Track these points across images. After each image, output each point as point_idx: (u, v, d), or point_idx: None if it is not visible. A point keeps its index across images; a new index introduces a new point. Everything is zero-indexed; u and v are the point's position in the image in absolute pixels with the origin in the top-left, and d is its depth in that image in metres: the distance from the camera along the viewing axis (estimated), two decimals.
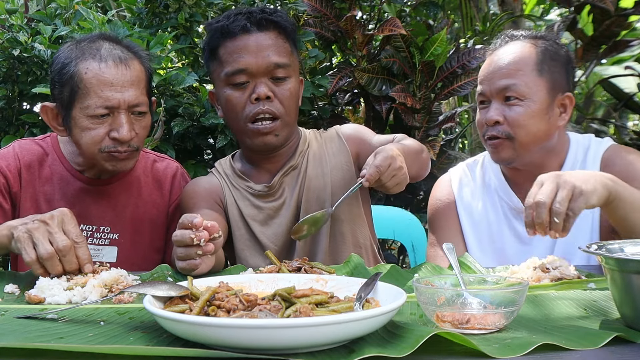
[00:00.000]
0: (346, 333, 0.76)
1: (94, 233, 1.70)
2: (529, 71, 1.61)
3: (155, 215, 1.79)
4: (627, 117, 6.01)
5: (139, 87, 1.59)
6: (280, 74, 1.60)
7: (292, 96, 1.63)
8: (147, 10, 2.66)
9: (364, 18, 2.97)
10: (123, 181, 1.76)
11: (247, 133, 1.61)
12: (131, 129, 1.57)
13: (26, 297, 1.11)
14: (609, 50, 3.14)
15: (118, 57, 1.57)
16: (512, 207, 1.71)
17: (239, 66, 1.57)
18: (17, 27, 2.40)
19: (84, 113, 1.54)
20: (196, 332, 0.76)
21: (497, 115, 1.61)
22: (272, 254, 1.37)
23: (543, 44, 1.65)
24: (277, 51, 1.60)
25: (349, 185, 1.67)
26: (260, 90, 1.57)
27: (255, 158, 1.72)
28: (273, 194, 1.69)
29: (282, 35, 1.63)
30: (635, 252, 0.98)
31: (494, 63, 1.66)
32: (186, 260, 1.23)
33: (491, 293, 0.93)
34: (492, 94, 1.64)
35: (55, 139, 1.76)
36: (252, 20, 1.59)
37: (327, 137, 1.78)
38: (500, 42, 1.72)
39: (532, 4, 6.16)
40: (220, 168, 1.77)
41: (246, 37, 1.59)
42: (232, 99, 1.60)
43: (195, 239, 1.19)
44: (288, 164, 1.69)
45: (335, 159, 1.72)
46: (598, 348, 0.79)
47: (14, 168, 1.69)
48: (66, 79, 1.56)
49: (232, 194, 1.70)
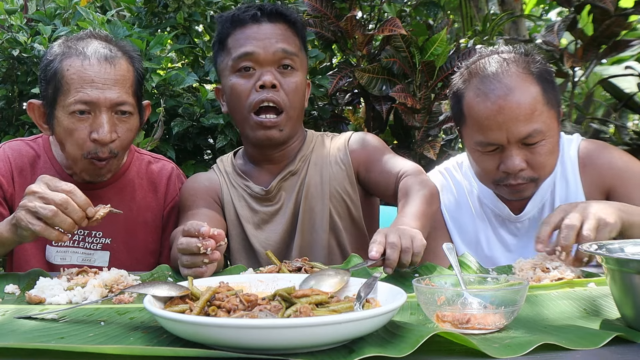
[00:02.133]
0: (346, 333, 0.76)
1: (86, 237, 1.68)
2: (541, 108, 1.47)
3: (149, 218, 1.76)
4: (627, 117, 6.00)
5: (124, 86, 1.54)
6: (287, 63, 1.58)
7: (298, 90, 1.61)
8: (146, 10, 2.66)
9: (364, 18, 2.97)
10: (116, 184, 1.72)
11: (250, 124, 1.58)
12: (112, 130, 1.51)
13: (26, 297, 1.11)
14: (609, 50, 3.14)
15: (103, 55, 1.53)
16: (498, 214, 1.66)
17: (246, 49, 1.56)
18: (16, 28, 2.40)
19: (65, 111, 1.50)
20: (196, 332, 0.76)
21: (521, 162, 1.47)
22: (272, 254, 1.37)
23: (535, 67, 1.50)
24: (286, 40, 1.59)
25: (346, 197, 1.65)
26: (266, 78, 1.55)
27: (257, 156, 1.69)
28: (270, 199, 1.66)
29: (292, 29, 1.63)
30: (635, 252, 0.98)
31: (500, 108, 1.45)
32: (192, 268, 1.21)
33: (491, 293, 0.93)
34: (511, 141, 1.46)
35: (47, 140, 1.72)
36: (263, 11, 1.60)
37: (336, 143, 1.72)
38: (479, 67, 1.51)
39: (532, 4, 6.16)
40: (222, 165, 1.75)
41: (256, 26, 1.59)
42: (237, 86, 1.58)
43: (202, 248, 1.18)
44: (287, 169, 1.66)
45: (335, 168, 1.67)
46: (598, 348, 0.79)
47: (6, 172, 1.65)
48: (50, 76, 1.53)
49: (230, 193, 1.68)
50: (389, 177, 1.58)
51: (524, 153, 1.47)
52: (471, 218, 1.70)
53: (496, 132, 1.46)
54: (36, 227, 1.23)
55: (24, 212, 1.24)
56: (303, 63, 1.66)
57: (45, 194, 1.24)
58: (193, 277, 1.21)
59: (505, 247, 1.67)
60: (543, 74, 1.50)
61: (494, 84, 1.47)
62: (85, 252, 1.67)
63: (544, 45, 3.11)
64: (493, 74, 1.48)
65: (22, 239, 1.31)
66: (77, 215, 1.24)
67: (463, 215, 1.70)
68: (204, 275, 1.22)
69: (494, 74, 1.48)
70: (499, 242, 1.67)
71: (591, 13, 3.08)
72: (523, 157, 1.47)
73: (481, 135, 1.49)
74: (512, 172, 1.48)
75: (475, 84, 1.50)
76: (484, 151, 1.51)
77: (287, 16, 1.62)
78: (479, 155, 1.54)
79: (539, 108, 1.46)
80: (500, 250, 1.66)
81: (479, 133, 1.49)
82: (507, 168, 1.47)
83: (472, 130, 1.52)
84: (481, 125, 1.48)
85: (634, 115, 5.76)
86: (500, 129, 1.45)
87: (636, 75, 3.67)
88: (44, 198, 1.23)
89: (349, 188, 1.66)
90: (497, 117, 1.45)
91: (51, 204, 1.22)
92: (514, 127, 1.44)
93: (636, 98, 3.64)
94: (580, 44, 3.13)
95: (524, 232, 1.64)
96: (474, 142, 1.52)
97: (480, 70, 1.51)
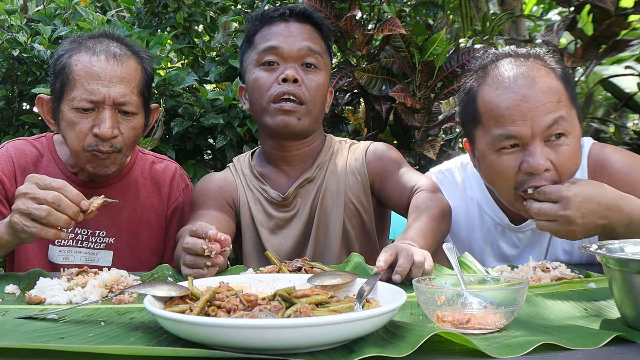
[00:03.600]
0: (346, 333, 0.76)
1: (89, 237, 1.67)
2: (565, 100, 1.36)
3: (153, 218, 1.75)
4: (627, 116, 6.01)
5: (129, 85, 1.54)
6: (311, 61, 1.59)
7: (320, 88, 1.61)
8: (146, 10, 2.66)
9: (363, 18, 2.97)
10: (120, 184, 1.71)
11: (269, 111, 1.57)
12: (114, 127, 1.51)
13: (26, 297, 1.11)
14: (609, 49, 3.14)
15: (112, 52, 1.54)
16: (498, 223, 1.59)
17: (271, 43, 1.58)
18: (16, 28, 2.40)
19: (70, 105, 1.51)
20: (196, 332, 0.76)
21: (546, 160, 1.32)
22: (272, 254, 1.37)
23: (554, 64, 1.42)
24: (311, 39, 1.61)
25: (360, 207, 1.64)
26: (289, 72, 1.55)
27: (274, 154, 1.68)
28: (287, 205, 1.65)
29: (318, 31, 1.65)
30: (636, 252, 0.98)
31: (524, 97, 1.33)
32: (193, 268, 1.22)
33: (491, 293, 0.93)
34: (536, 134, 1.33)
35: (51, 139, 1.72)
36: (292, 11, 1.62)
37: (354, 153, 1.71)
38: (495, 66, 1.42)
39: (532, 3, 6.17)
40: (239, 165, 1.73)
41: (283, 24, 1.61)
42: (259, 78, 1.59)
43: (207, 250, 1.18)
44: (304, 175, 1.65)
45: (351, 178, 1.66)
46: (598, 348, 0.79)
47: (9, 171, 1.64)
48: (59, 70, 1.54)
49: (246, 195, 1.67)
50: (403, 190, 1.58)
51: (548, 151, 1.34)
52: (467, 226, 1.63)
53: (519, 122, 1.33)
54: (32, 229, 1.22)
55: (17, 215, 1.23)
56: (327, 66, 1.66)
57: (36, 194, 1.22)
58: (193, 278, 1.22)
59: (502, 258, 1.60)
60: (563, 70, 1.43)
61: (515, 76, 1.37)
62: (89, 251, 1.67)
63: (543, 45, 3.11)
64: (512, 69, 1.39)
65: (22, 241, 1.31)
66: (71, 211, 1.23)
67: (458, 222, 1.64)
68: (204, 277, 1.21)
69: (513, 68, 1.39)
70: (495, 252, 1.61)
71: (591, 13, 3.08)
72: (547, 155, 1.33)
73: (501, 129, 1.35)
74: (537, 171, 1.32)
75: (493, 78, 1.40)
76: (504, 148, 1.36)
77: (315, 19, 1.65)
78: (497, 157, 1.38)
79: (563, 99, 1.36)
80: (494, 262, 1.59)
81: (499, 127, 1.36)
82: (531, 166, 1.32)
83: (490, 126, 1.38)
84: (502, 117, 1.35)
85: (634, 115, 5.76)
86: (525, 119, 1.33)
87: (636, 75, 3.67)
88: (35, 198, 1.22)
89: (363, 199, 1.66)
90: (521, 106, 1.33)
91: (44, 204, 1.21)
92: (540, 115, 1.32)
93: (636, 98, 3.64)
94: (580, 43, 3.13)
95: (525, 244, 1.59)
96: (492, 139, 1.37)
97: (497, 67, 1.42)
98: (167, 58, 2.60)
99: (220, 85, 2.68)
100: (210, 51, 2.81)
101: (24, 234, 1.24)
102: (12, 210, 1.25)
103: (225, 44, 2.85)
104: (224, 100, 2.42)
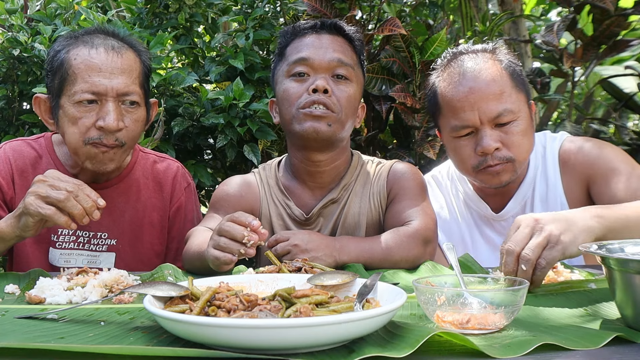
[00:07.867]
0: (346, 333, 0.76)
1: (91, 239, 1.66)
2: (510, 89, 1.55)
3: (155, 219, 1.73)
4: (627, 117, 6.00)
5: (131, 76, 1.53)
6: (342, 73, 1.57)
7: (350, 100, 1.57)
8: (147, 10, 2.66)
9: (363, 18, 2.97)
10: (121, 185, 1.70)
11: (298, 118, 1.53)
12: (119, 119, 1.49)
13: (26, 297, 1.11)
14: (609, 50, 3.13)
15: (110, 45, 1.53)
16: (482, 215, 1.71)
17: (302, 55, 1.57)
18: (17, 27, 2.40)
19: (71, 100, 1.49)
20: (196, 332, 0.76)
21: (495, 142, 1.53)
22: (272, 254, 1.37)
23: (502, 56, 1.60)
24: (343, 52, 1.59)
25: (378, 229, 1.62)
26: (319, 82, 1.52)
27: (301, 167, 1.63)
28: (309, 224, 1.63)
29: (350, 44, 1.63)
30: (635, 252, 0.98)
31: (470, 89, 1.54)
32: (225, 252, 1.22)
33: (491, 293, 0.93)
34: (484, 121, 1.54)
35: (49, 139, 1.70)
36: (324, 23, 1.62)
37: (379, 174, 1.67)
38: (451, 63, 1.62)
39: (532, 3, 6.16)
40: (264, 175, 1.70)
41: (315, 36, 1.60)
42: (289, 89, 1.57)
43: (247, 238, 1.20)
44: (329, 196, 1.63)
45: (373, 200, 1.64)
46: (598, 348, 0.79)
47: (7, 174, 1.62)
48: (57, 67, 1.52)
49: (269, 209, 1.65)
50: (396, 219, 1.56)
51: (497, 133, 1.54)
52: (456, 221, 1.74)
53: (469, 112, 1.54)
54: (46, 211, 1.24)
55: (33, 197, 1.25)
56: (359, 79, 1.63)
57: (55, 183, 1.26)
58: (220, 261, 1.22)
59: (493, 246, 1.68)
60: (510, 61, 1.60)
61: (464, 71, 1.57)
62: (91, 254, 1.65)
63: (543, 45, 3.11)
64: (463, 64, 1.59)
65: (24, 232, 1.30)
66: (87, 204, 1.26)
67: (449, 219, 1.76)
68: (230, 263, 1.23)
69: (464, 63, 1.59)
70: (486, 242, 1.70)
71: (591, 13, 3.08)
72: (497, 137, 1.53)
73: (456, 120, 1.57)
74: (488, 151, 1.53)
75: (449, 74, 1.60)
76: (460, 136, 1.57)
77: (347, 32, 1.63)
78: (456, 143, 1.59)
79: (507, 90, 1.54)
80: (487, 251, 1.68)
81: (454, 118, 1.57)
82: (483, 148, 1.53)
83: (448, 117, 1.59)
84: (455, 108, 1.56)
85: (634, 115, 5.76)
86: (473, 109, 1.53)
87: (636, 75, 3.66)
88: (54, 186, 1.25)
89: (381, 219, 1.64)
90: (469, 98, 1.54)
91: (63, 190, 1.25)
92: (485, 106, 1.52)
93: (636, 98, 3.63)
94: (580, 44, 3.13)
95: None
96: (450, 129, 1.59)
97: (453, 63, 1.62)
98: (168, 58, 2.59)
99: (220, 85, 2.68)
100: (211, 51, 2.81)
101: (34, 217, 1.25)
102: (28, 193, 1.26)
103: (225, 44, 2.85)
104: (224, 100, 2.42)
